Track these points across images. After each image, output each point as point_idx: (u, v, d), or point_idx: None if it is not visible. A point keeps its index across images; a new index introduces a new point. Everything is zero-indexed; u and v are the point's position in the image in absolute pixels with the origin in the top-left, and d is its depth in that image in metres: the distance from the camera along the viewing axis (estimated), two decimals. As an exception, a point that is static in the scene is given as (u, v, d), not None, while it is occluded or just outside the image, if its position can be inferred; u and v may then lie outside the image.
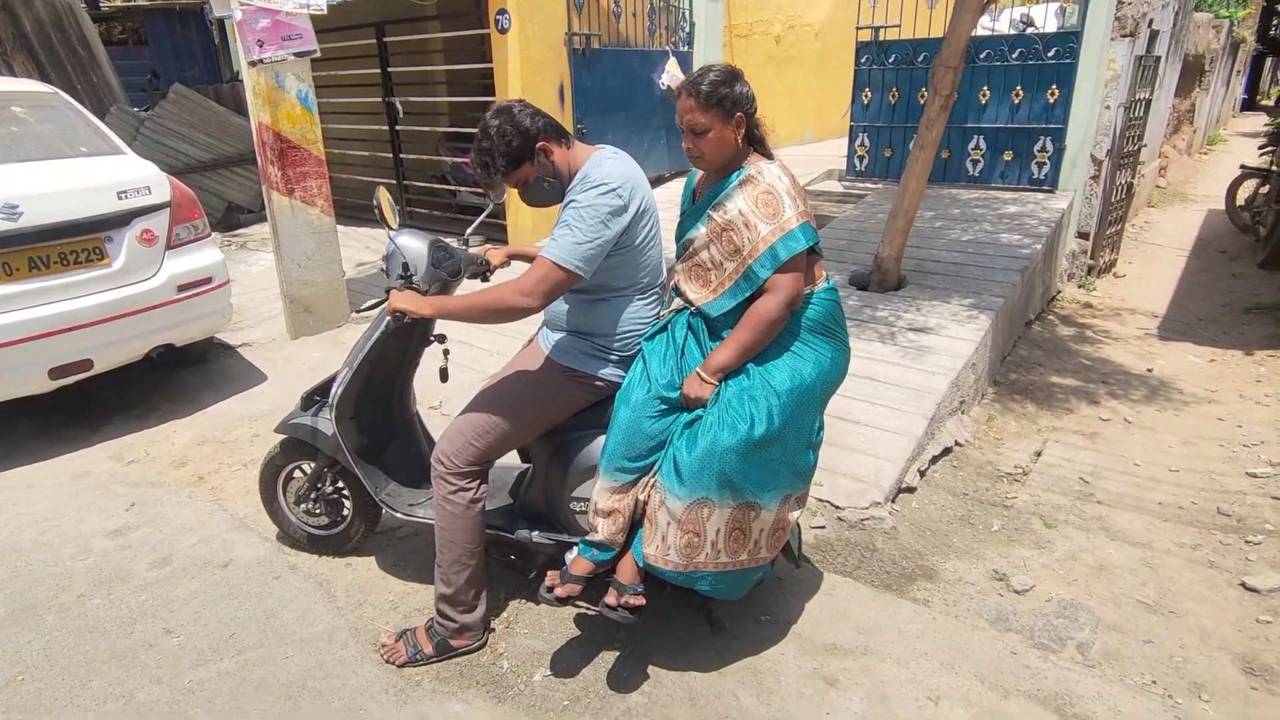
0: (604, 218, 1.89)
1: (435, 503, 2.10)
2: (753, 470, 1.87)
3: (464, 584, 2.13)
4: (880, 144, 6.54)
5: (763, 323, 1.90)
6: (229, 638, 2.31)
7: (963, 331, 4.01)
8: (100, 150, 3.76)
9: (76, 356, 3.37)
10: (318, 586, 2.54)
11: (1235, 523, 3.00)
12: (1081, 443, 3.72)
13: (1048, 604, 2.51)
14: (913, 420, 3.35)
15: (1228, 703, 2.11)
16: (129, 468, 3.35)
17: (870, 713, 2.03)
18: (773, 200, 1.92)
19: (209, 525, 2.90)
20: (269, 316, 5.18)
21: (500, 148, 1.94)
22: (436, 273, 2.16)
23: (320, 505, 2.59)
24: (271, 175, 4.59)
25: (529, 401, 2.10)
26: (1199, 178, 11.52)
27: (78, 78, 7.28)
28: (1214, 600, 2.55)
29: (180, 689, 2.11)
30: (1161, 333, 5.25)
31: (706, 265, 2.01)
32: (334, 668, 2.19)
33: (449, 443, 2.09)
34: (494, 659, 2.22)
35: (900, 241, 4.50)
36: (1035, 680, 2.14)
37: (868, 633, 2.32)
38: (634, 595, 1.98)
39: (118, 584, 2.56)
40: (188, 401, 3.97)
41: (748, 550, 1.98)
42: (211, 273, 3.83)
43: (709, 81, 1.87)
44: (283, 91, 4.51)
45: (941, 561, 2.73)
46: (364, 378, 2.31)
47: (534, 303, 1.89)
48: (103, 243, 3.43)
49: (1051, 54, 5.49)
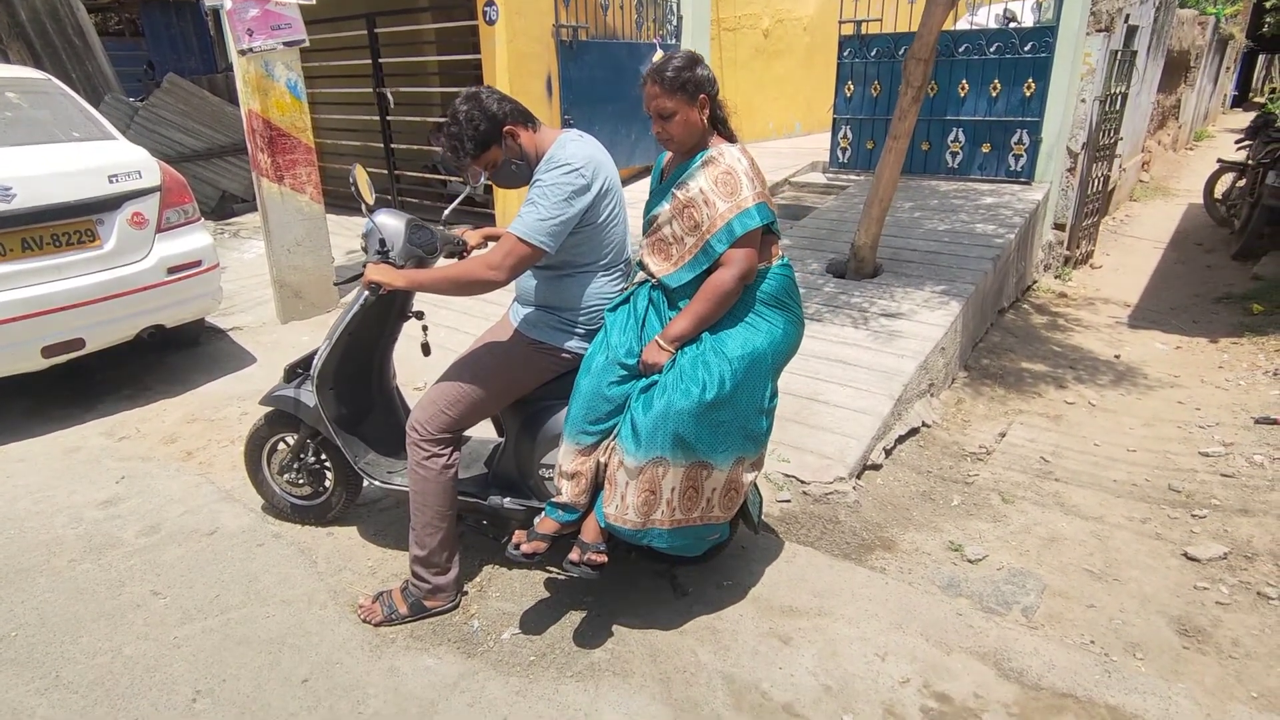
0: (567, 195, 2.00)
1: (409, 468, 2.21)
2: (704, 431, 1.98)
3: (436, 546, 2.24)
4: (863, 136, 6.65)
5: (717, 294, 2.02)
6: (213, 599, 2.42)
7: (933, 317, 4.12)
8: (92, 135, 3.85)
9: (69, 335, 3.46)
10: (300, 553, 2.65)
11: (1184, 498, 3.13)
12: (1045, 424, 3.85)
13: (998, 572, 2.63)
14: (880, 401, 3.47)
15: (1159, 660, 2.23)
16: (120, 444, 3.45)
17: (820, 667, 2.14)
18: (731, 180, 2.03)
19: (196, 497, 3.00)
20: (260, 302, 5.28)
21: (468, 132, 2.05)
22: (412, 249, 2.27)
23: (303, 475, 2.69)
24: (261, 162, 4.68)
25: (498, 372, 2.21)
26: (1182, 173, 11.65)
27: (73, 67, 7.35)
28: (1157, 569, 2.67)
29: (166, 644, 2.23)
30: (1132, 321, 5.38)
31: (669, 240, 2.13)
32: (312, 626, 2.30)
33: (422, 411, 2.20)
34: (466, 619, 2.33)
35: (875, 230, 4.61)
36: (978, 638, 2.26)
37: (823, 596, 2.44)
38: (596, 553, 2.09)
39: (107, 550, 2.67)
40: (179, 382, 4.07)
41: (700, 508, 2.09)
42: (201, 256, 3.93)
43: (672, 68, 2.00)
44: (272, 80, 4.59)
45: (900, 533, 2.85)
46: (343, 350, 2.41)
47: (500, 276, 2.00)
48: (94, 225, 3.53)
49: (1028, 48, 5.60)
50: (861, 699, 2.04)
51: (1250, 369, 4.39)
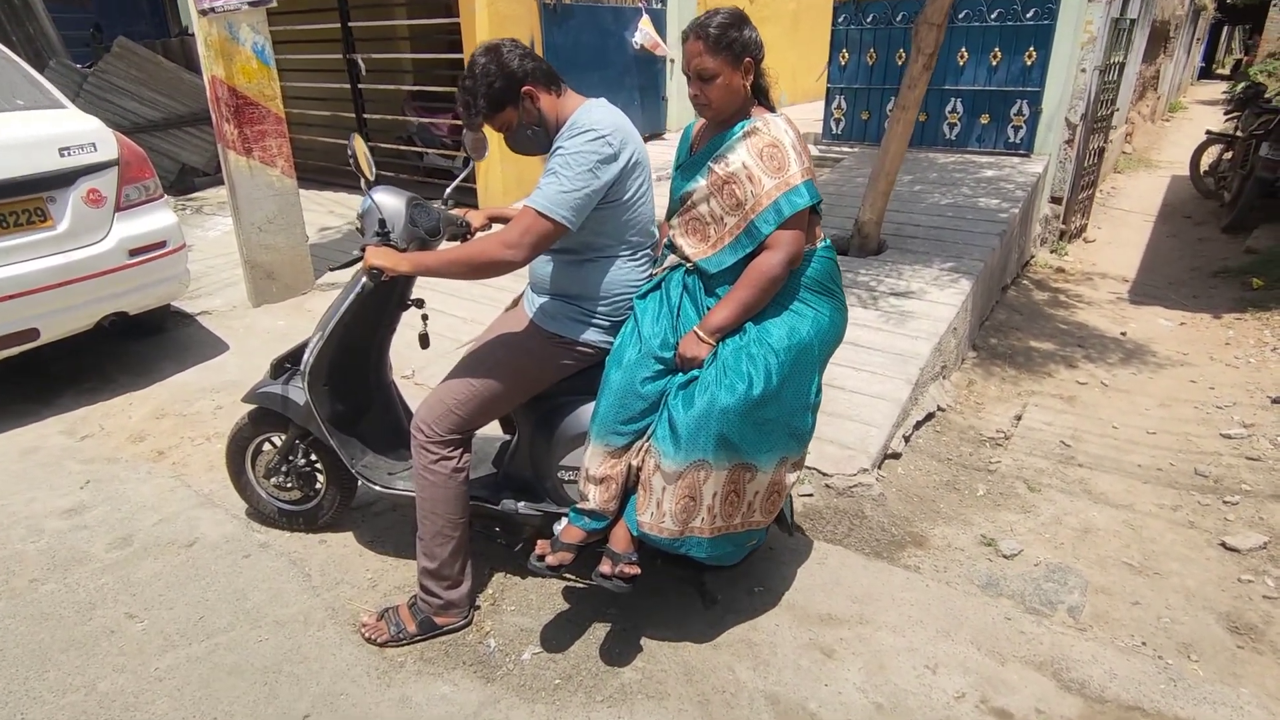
0: (592, 165, 1.78)
1: (415, 473, 2.00)
2: (749, 431, 1.80)
3: (448, 557, 2.03)
4: (858, 106, 6.45)
5: (764, 280, 1.82)
6: (197, 621, 2.20)
7: (944, 296, 3.98)
8: (39, 104, 3.49)
9: (20, 325, 3.16)
10: (291, 565, 2.43)
11: (1212, 484, 3.04)
12: (1060, 406, 3.74)
13: (1036, 568, 2.50)
14: (897, 385, 3.32)
15: (1215, 662, 2.12)
16: (82, 443, 3.17)
17: (869, 683, 2.00)
18: (778, 154, 1.84)
19: (171, 503, 2.75)
20: (229, 283, 4.96)
21: (482, 88, 1.82)
22: (414, 231, 2.03)
23: (292, 479, 2.46)
24: (228, 134, 4.33)
25: (512, 368, 2.00)
26: (1162, 144, 11.67)
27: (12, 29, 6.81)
28: (1196, 560, 2.57)
29: (146, 677, 2.00)
30: (1133, 297, 5.31)
31: (706, 219, 1.92)
32: (311, 650, 2.09)
33: (429, 410, 1.98)
34: (480, 637, 2.14)
35: (881, 205, 4.44)
36: (1031, 645, 2.13)
37: (862, 601, 2.29)
38: (629, 564, 1.91)
39: (74, 567, 2.42)
40: (145, 373, 3.77)
41: (741, 514, 1.92)
42: (165, 236, 3.61)
43: (717, 24, 1.78)
44: (237, 44, 4.24)
45: (930, 528, 2.71)
46: (338, 343, 2.17)
47: (519, 255, 1.77)
48: (44, 203, 3.20)
49: (1030, 14, 5.43)
50: (917, 717, 1.90)
51: (1258, 345, 4.33)
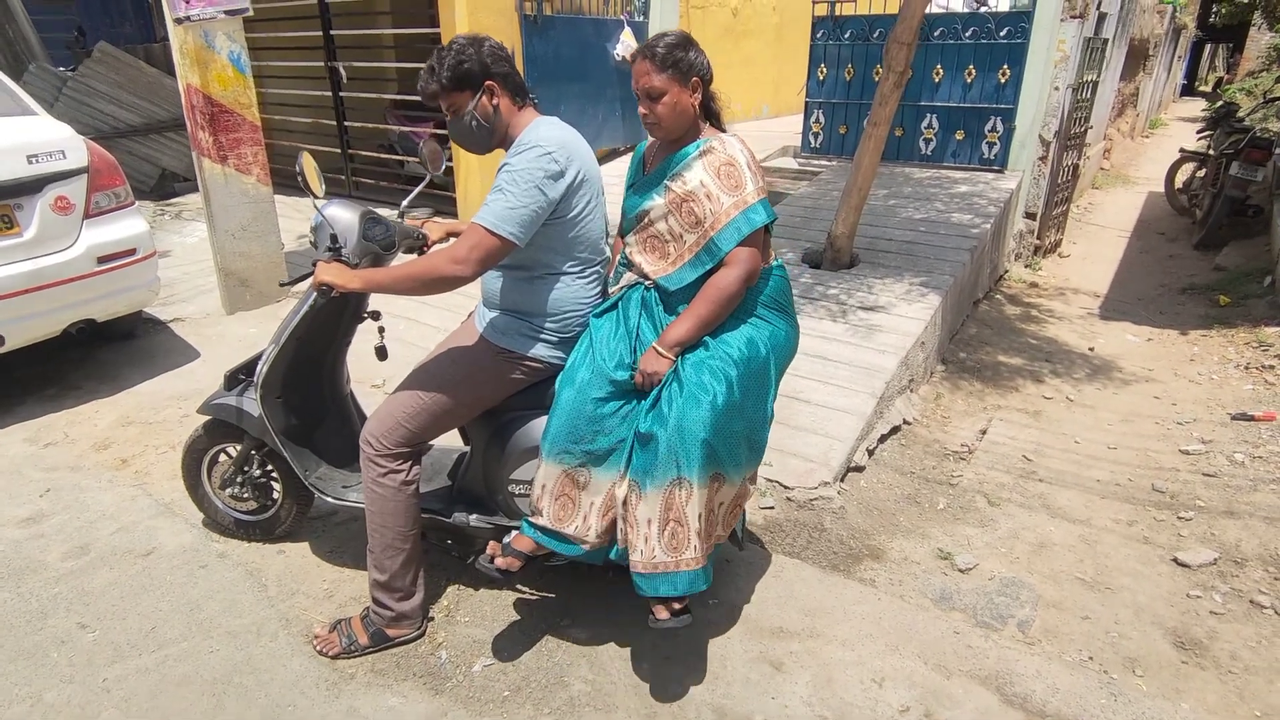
0: (539, 181, 1.81)
1: (365, 485, 2.01)
2: (720, 442, 1.82)
3: (399, 569, 2.04)
4: (835, 121, 6.51)
5: (722, 295, 1.86)
6: (149, 632, 2.19)
7: (913, 310, 4.02)
8: (9, 111, 3.48)
9: (-16, 332, 3.14)
10: (247, 575, 2.43)
11: (1169, 499, 3.08)
12: (1025, 420, 3.78)
13: (990, 582, 2.53)
14: (862, 399, 3.35)
15: (1160, 677, 2.15)
16: (45, 450, 3.15)
17: (816, 696, 2.01)
18: (735, 173, 1.89)
19: (131, 512, 2.74)
20: (203, 290, 4.94)
21: (451, 61, 1.86)
22: (368, 245, 2.04)
23: (247, 489, 2.46)
24: (202, 141, 4.34)
25: (462, 382, 2.01)
26: (1140, 160, 11.83)
27: (-10, 32, 6.78)
28: (1148, 576, 2.61)
29: (94, 688, 1.99)
30: (1103, 312, 5.37)
31: (665, 237, 1.95)
32: (262, 661, 2.09)
33: (378, 423, 2.00)
34: (432, 649, 2.14)
35: (853, 219, 4.48)
36: (977, 660, 2.15)
37: (814, 615, 2.31)
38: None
39: (28, 576, 2.41)
40: (112, 380, 3.76)
41: (715, 532, 1.93)
42: (135, 244, 3.60)
43: (664, 44, 1.85)
44: (213, 52, 4.25)
45: (888, 541, 2.74)
46: (291, 355, 2.18)
47: (467, 271, 1.80)
48: (11, 210, 3.19)
49: (1004, 33, 5.51)
50: (860, 731, 1.92)
51: (1221, 362, 4.40)
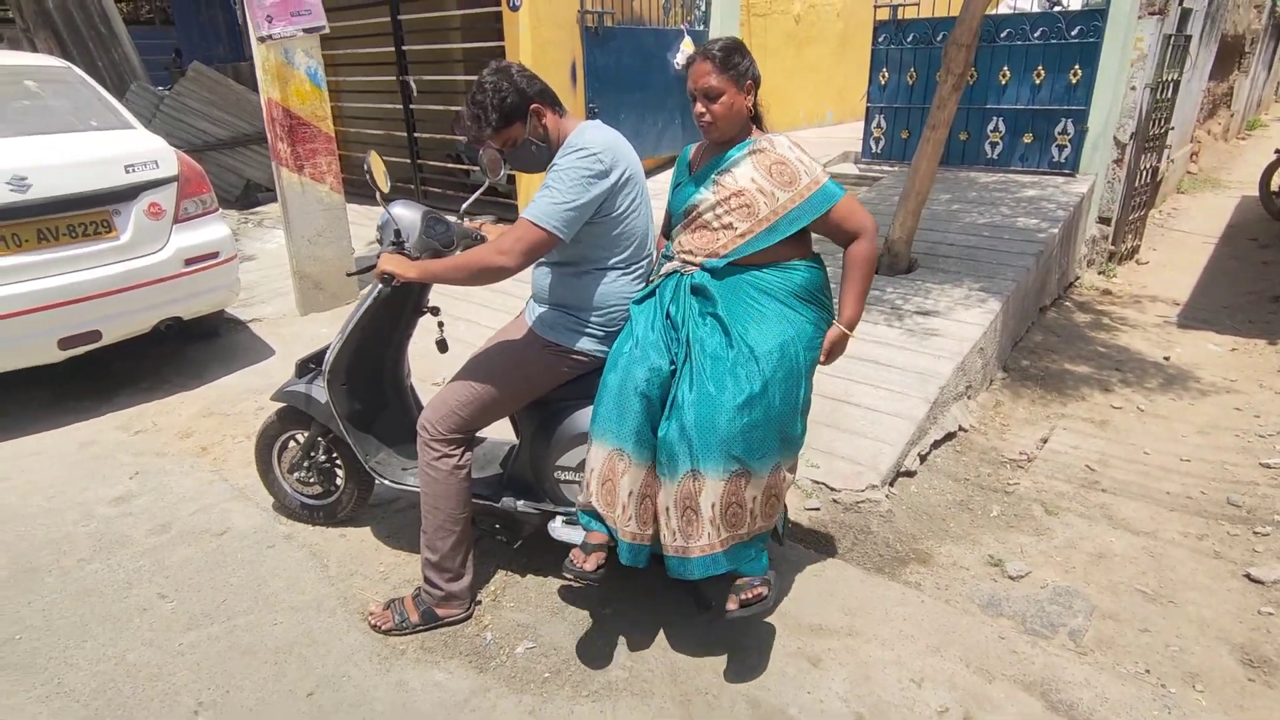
0: (584, 180, 1.89)
1: (420, 468, 2.12)
2: (743, 437, 1.85)
3: (449, 550, 2.14)
4: (897, 125, 6.42)
5: (871, 264, 2.05)
6: (220, 604, 2.35)
7: (971, 316, 3.93)
8: (110, 125, 3.80)
9: (85, 328, 3.42)
10: (311, 556, 2.57)
11: (1245, 513, 2.92)
12: (1091, 430, 3.65)
13: (1042, 590, 2.46)
14: (914, 404, 3.30)
15: (1222, 694, 2.06)
16: (135, 438, 3.40)
17: (852, 693, 2.01)
18: (786, 170, 1.99)
19: (209, 495, 2.94)
20: (280, 293, 5.23)
21: (494, 102, 1.95)
22: (428, 241, 2.17)
23: (313, 474, 2.61)
24: (281, 152, 4.61)
25: (511, 373, 2.10)
26: (1235, 164, 11.17)
27: (99, 54, 7.36)
28: (1216, 591, 2.49)
29: (170, 651, 2.15)
30: (1182, 321, 5.12)
31: (713, 225, 2.03)
32: (321, 635, 2.22)
33: (433, 410, 2.10)
34: (479, 630, 2.23)
35: (911, 224, 4.42)
36: (1022, 666, 2.10)
37: (854, 614, 2.30)
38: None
39: (117, 549, 2.62)
40: (196, 374, 4.03)
41: (746, 523, 1.96)
42: (219, 247, 3.87)
43: (721, 48, 1.95)
44: (292, 68, 4.52)
45: (936, 546, 2.70)
46: (355, 345, 2.32)
47: (511, 261, 1.88)
48: (110, 215, 3.47)
49: (1075, 32, 5.33)
50: (897, 730, 1.90)
51: (1312, 373, 4.14)
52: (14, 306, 3.20)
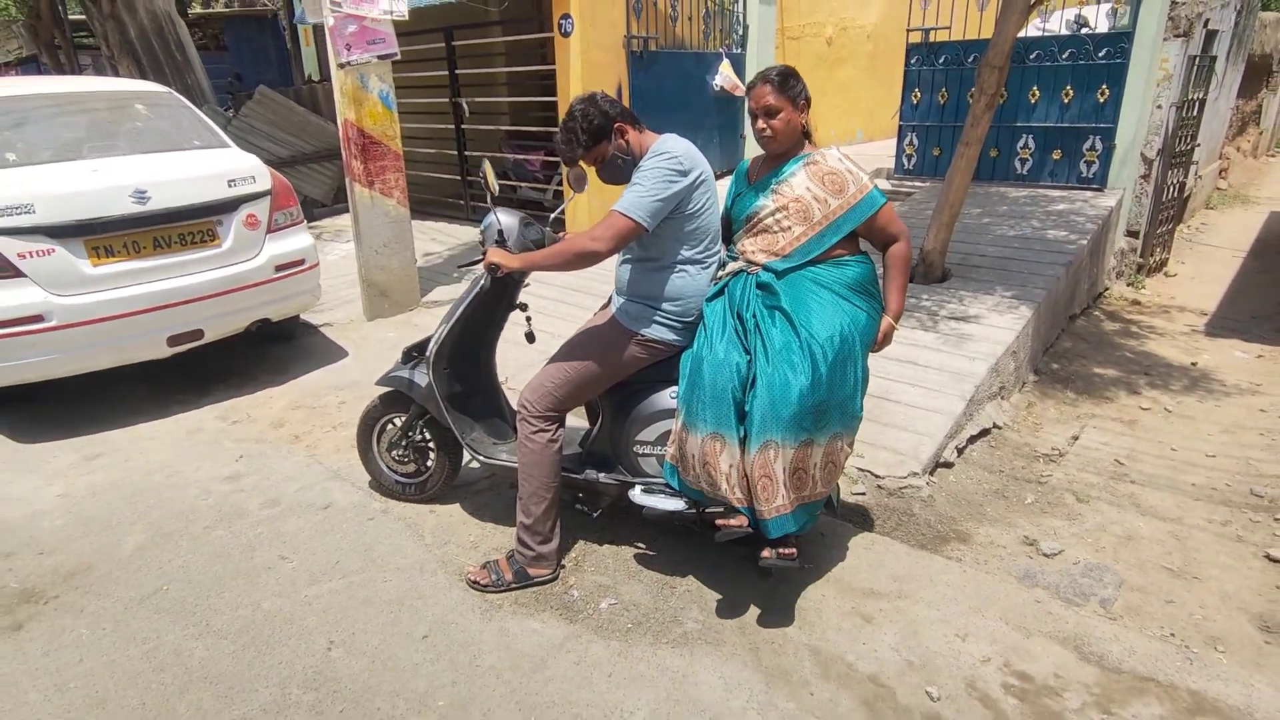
0: (666, 178, 2.20)
1: (519, 441, 2.42)
2: (809, 412, 2.12)
3: (541, 514, 2.43)
4: (929, 143, 6.68)
5: (908, 261, 2.38)
6: (334, 564, 2.65)
7: (1004, 321, 4.17)
8: (210, 144, 4.19)
9: (190, 326, 3.78)
10: (407, 527, 2.87)
11: (1267, 503, 3.12)
12: (1120, 429, 3.85)
13: (1075, 566, 2.68)
14: (952, 401, 3.54)
15: (1242, 654, 2.27)
16: (234, 426, 3.74)
17: (903, 644, 2.25)
18: (837, 179, 2.30)
19: (308, 475, 3.26)
20: (346, 300, 5.59)
21: (583, 125, 2.28)
22: (524, 242, 2.48)
23: (409, 452, 2.92)
24: (354, 168, 4.98)
25: (599, 357, 2.40)
26: (1264, 180, 11.26)
27: (174, 80, 7.88)
28: (1237, 569, 2.69)
29: (298, 602, 2.46)
30: (1209, 329, 5.29)
31: (773, 229, 2.33)
32: (426, 591, 2.51)
33: (532, 391, 2.41)
34: (565, 589, 2.51)
35: (945, 235, 4.66)
36: (1056, 624, 2.33)
37: (902, 580, 2.54)
38: (785, 546, 2.23)
39: (236, 519, 2.93)
40: (281, 372, 4.38)
41: (809, 486, 2.23)
42: (304, 255, 4.22)
43: (778, 73, 2.28)
44: (366, 91, 4.90)
45: (975, 527, 2.93)
46: (458, 334, 2.63)
47: (603, 246, 2.19)
48: (214, 225, 3.84)
49: (1102, 54, 5.57)
50: (944, 674, 2.14)
51: (1336, 378, 4.30)
52: (132, 306, 3.56)
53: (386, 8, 4.80)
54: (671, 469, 2.33)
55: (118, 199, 3.51)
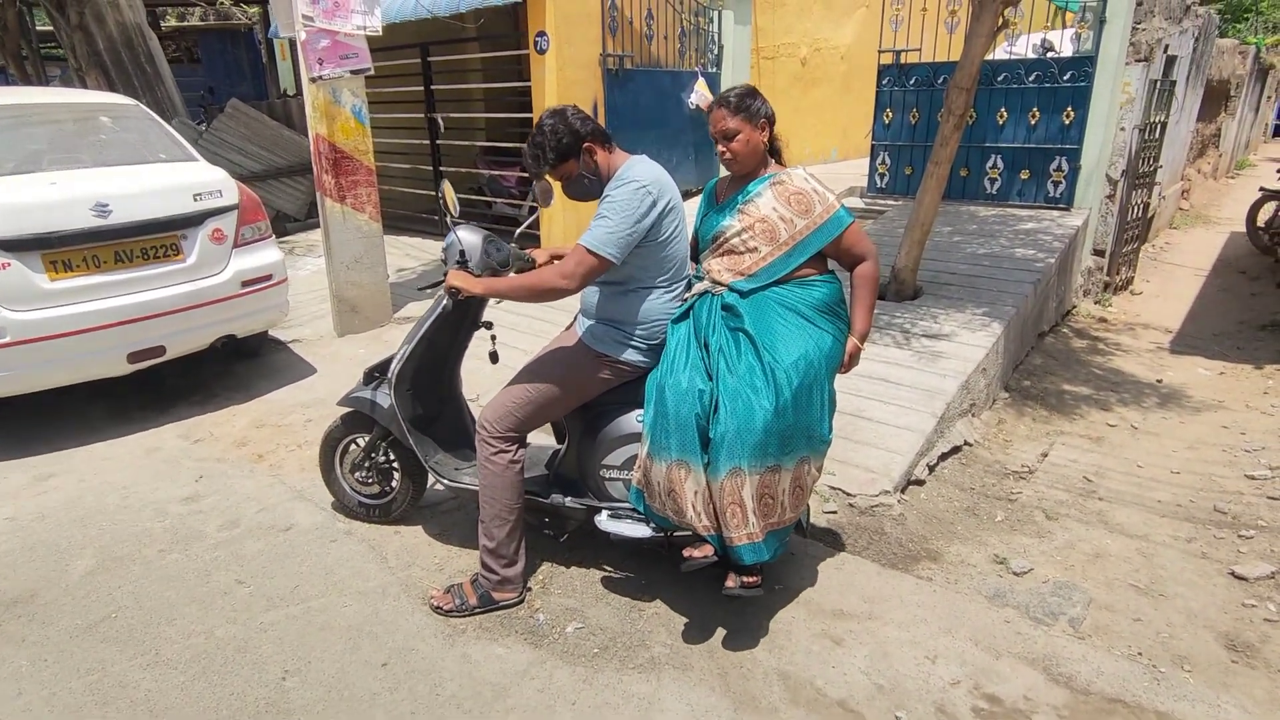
0: (635, 210, 2.17)
1: (479, 463, 2.36)
2: (774, 437, 2.10)
3: (504, 537, 2.38)
4: (901, 162, 6.76)
5: (875, 280, 2.34)
6: (293, 589, 2.58)
7: (974, 338, 4.20)
8: (176, 157, 4.11)
9: (152, 343, 3.69)
10: (370, 549, 2.80)
11: (1230, 519, 3.15)
12: (1088, 446, 3.89)
13: (1044, 585, 2.68)
14: (923, 418, 3.55)
15: (1208, 673, 2.27)
16: (195, 445, 3.65)
17: (872, 667, 2.23)
18: (804, 199, 2.29)
19: (270, 496, 3.18)
20: (317, 316, 5.51)
21: (551, 143, 2.23)
22: (488, 262, 2.44)
23: (372, 474, 2.85)
24: (326, 183, 4.92)
25: (563, 379, 2.36)
26: (1224, 201, 11.55)
27: (144, 93, 7.76)
28: (1203, 586, 2.71)
29: (254, 628, 2.38)
30: (1174, 347, 5.39)
31: (739, 249, 2.31)
32: (388, 616, 2.44)
33: (492, 410, 2.36)
34: (530, 613, 2.45)
35: (916, 253, 4.70)
36: (1026, 645, 2.32)
37: (872, 601, 2.52)
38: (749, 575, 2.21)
39: (193, 542, 2.85)
40: (245, 389, 4.28)
41: (777, 512, 2.20)
42: (272, 270, 4.15)
43: (735, 94, 2.27)
44: (339, 106, 4.86)
45: (945, 545, 2.92)
46: (421, 354, 2.58)
47: (573, 284, 2.15)
48: (179, 239, 3.76)
49: (1067, 77, 5.69)
50: (913, 698, 2.12)
51: (1296, 395, 4.39)
52: (92, 322, 3.47)
53: (360, 23, 4.77)
54: (638, 494, 2.29)
55: (77, 212, 3.43)
